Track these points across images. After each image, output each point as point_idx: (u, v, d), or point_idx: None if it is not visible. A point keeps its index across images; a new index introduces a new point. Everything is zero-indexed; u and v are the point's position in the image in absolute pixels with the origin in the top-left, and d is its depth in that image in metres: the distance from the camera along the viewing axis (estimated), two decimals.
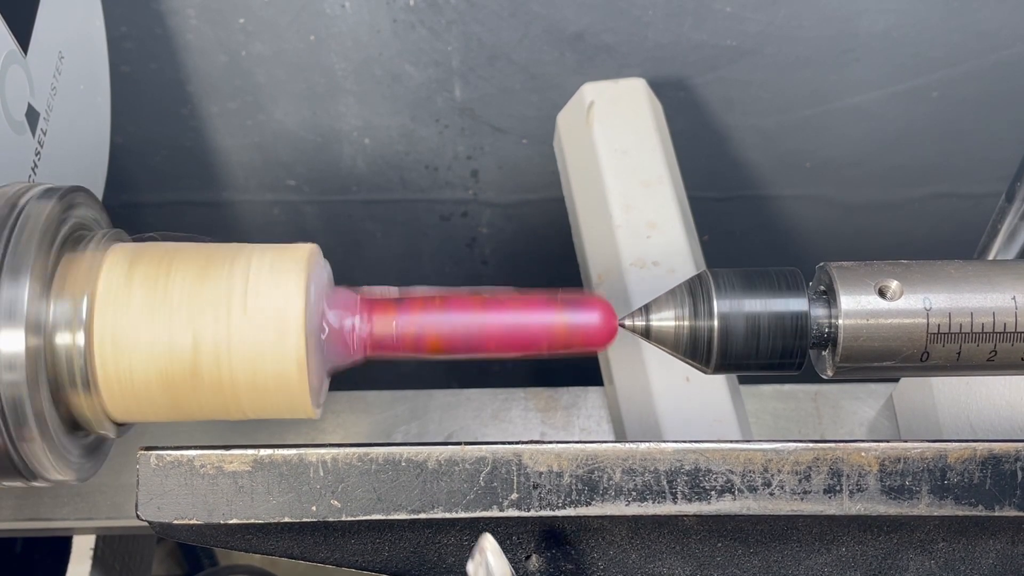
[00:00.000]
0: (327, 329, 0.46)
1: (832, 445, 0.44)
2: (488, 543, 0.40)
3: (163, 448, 0.44)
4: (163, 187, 0.98)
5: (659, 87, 0.85)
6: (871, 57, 0.86)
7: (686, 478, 0.44)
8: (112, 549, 0.79)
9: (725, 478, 0.44)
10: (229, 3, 0.82)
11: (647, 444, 0.44)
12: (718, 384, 0.67)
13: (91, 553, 0.76)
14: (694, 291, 0.44)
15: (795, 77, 0.87)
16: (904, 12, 0.82)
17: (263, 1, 0.82)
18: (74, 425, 0.47)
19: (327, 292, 0.47)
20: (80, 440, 0.48)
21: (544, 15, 0.82)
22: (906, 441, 0.44)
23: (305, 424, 0.75)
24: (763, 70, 0.87)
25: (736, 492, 0.44)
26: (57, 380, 0.45)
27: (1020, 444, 0.44)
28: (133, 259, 0.46)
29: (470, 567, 0.40)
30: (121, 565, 0.81)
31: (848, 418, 0.76)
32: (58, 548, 0.79)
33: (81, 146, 0.71)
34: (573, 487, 0.44)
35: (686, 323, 0.44)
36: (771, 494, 0.44)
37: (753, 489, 0.44)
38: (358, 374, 0.49)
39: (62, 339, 0.44)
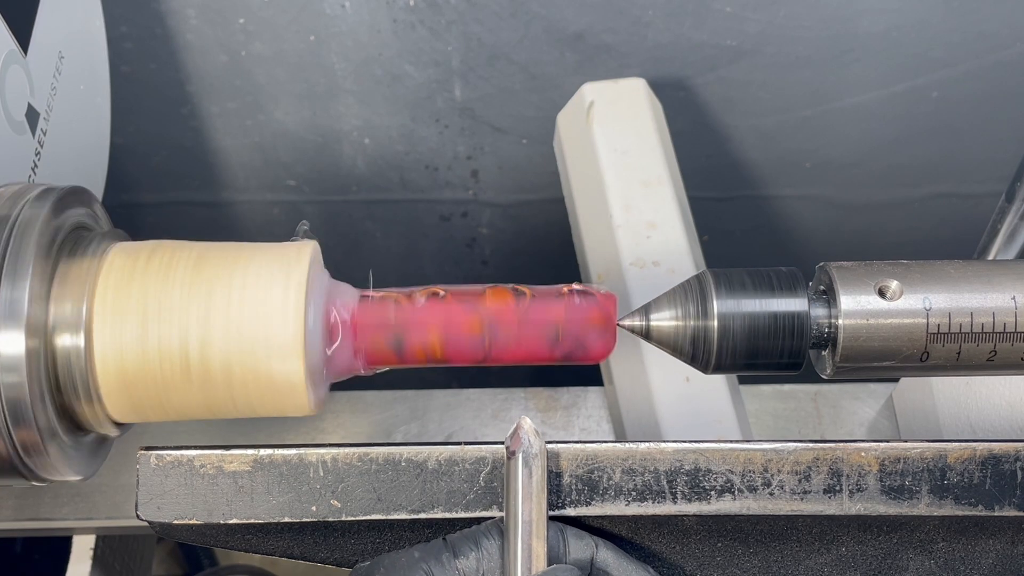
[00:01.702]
0: (326, 327, 0.46)
1: (832, 445, 0.44)
2: (526, 423, 0.42)
3: (163, 448, 0.44)
4: (163, 187, 0.98)
5: (659, 87, 0.85)
6: (871, 57, 0.86)
7: (686, 478, 0.44)
8: (112, 549, 0.79)
9: (725, 478, 0.44)
10: (229, 3, 0.81)
11: (647, 444, 0.44)
12: (718, 384, 0.67)
13: (91, 553, 0.76)
14: (694, 291, 0.44)
15: (795, 77, 0.87)
16: (904, 12, 0.82)
17: (263, 1, 0.82)
18: (74, 425, 0.47)
19: (327, 290, 0.47)
20: (80, 440, 0.48)
21: (544, 15, 0.82)
22: (906, 441, 0.44)
23: (305, 424, 0.75)
24: (763, 70, 0.87)
25: (736, 492, 0.44)
26: (57, 380, 0.45)
27: (1020, 444, 0.44)
28: (132, 260, 0.46)
29: (508, 440, 0.42)
30: (121, 565, 0.81)
31: (848, 418, 0.76)
32: (58, 548, 0.79)
33: (81, 146, 0.71)
34: (573, 487, 0.44)
35: (686, 323, 0.44)
36: (771, 494, 0.44)
37: (753, 489, 0.44)
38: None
39: (62, 340, 0.44)
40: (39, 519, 0.70)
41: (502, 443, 0.44)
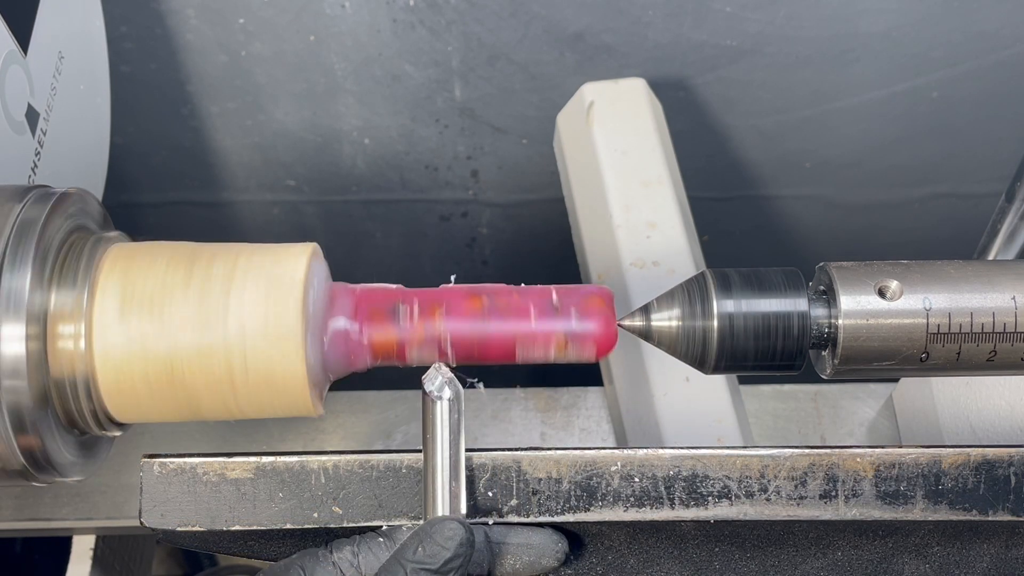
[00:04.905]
0: (327, 328, 0.46)
1: (828, 451, 0.44)
2: (443, 368, 0.44)
3: (166, 456, 0.45)
4: (163, 187, 0.98)
5: (659, 87, 0.85)
6: (871, 57, 0.85)
7: (684, 484, 0.44)
8: (112, 549, 0.79)
9: (722, 484, 0.44)
10: (229, 3, 0.81)
11: (645, 450, 0.44)
12: (718, 384, 0.67)
13: (91, 553, 0.76)
14: (693, 291, 0.44)
15: (795, 77, 0.87)
16: (904, 12, 0.82)
17: (263, 1, 0.81)
18: (74, 425, 0.47)
19: (326, 291, 0.47)
20: (80, 440, 0.48)
21: (544, 15, 0.82)
22: (901, 447, 0.44)
23: (305, 425, 0.75)
24: (763, 70, 0.86)
25: (733, 497, 0.44)
26: (57, 380, 0.45)
27: (1013, 449, 0.44)
28: (132, 260, 0.46)
29: (432, 385, 0.43)
30: (121, 565, 0.81)
31: (848, 418, 0.76)
32: (58, 548, 0.79)
33: (81, 146, 0.71)
34: (572, 493, 0.44)
35: (685, 323, 0.44)
36: (768, 499, 0.44)
37: (750, 495, 0.44)
38: (358, 374, 0.49)
39: (62, 340, 0.44)
40: (39, 519, 0.70)
41: (502, 449, 0.44)
